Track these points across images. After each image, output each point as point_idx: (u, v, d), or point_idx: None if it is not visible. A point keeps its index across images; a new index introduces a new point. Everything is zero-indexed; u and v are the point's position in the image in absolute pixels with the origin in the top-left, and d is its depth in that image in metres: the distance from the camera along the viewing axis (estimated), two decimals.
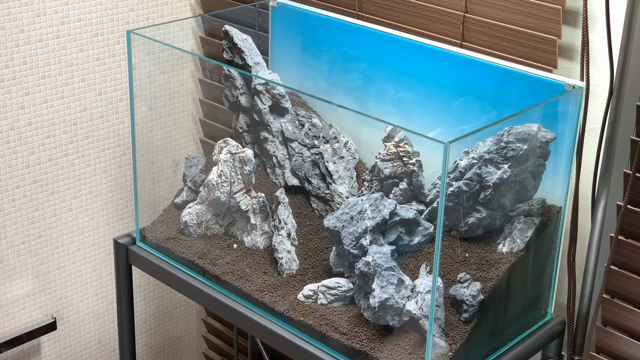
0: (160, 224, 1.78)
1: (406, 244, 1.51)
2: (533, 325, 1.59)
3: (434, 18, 1.71)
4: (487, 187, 1.46)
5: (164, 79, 2.11)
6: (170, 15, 2.18)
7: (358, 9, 1.85)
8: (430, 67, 1.67)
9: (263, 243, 1.67)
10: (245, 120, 1.79)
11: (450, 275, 1.45)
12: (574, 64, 1.57)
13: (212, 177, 1.68)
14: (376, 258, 1.45)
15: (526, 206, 1.51)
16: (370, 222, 1.49)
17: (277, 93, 1.74)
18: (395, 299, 1.42)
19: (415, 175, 1.56)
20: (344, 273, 1.54)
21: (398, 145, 1.57)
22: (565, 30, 1.56)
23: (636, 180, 1.44)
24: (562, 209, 1.55)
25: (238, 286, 1.60)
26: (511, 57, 1.60)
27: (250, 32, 1.83)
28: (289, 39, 1.90)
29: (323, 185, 1.67)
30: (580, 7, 1.51)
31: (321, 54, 1.85)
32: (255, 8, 1.96)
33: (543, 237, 1.53)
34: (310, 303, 1.53)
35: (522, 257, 1.49)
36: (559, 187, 1.54)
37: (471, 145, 1.49)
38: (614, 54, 1.47)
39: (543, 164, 1.51)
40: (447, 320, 1.42)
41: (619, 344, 1.52)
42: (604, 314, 1.54)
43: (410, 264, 1.50)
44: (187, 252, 1.70)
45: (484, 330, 1.46)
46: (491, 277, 1.45)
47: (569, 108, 1.50)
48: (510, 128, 1.46)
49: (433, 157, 1.55)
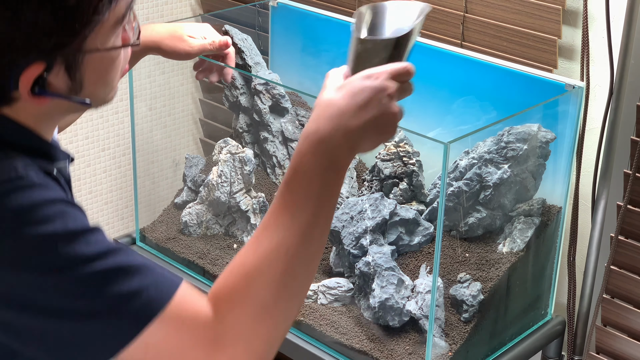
0: (160, 224, 1.78)
1: (406, 244, 1.51)
2: (533, 325, 1.59)
3: (434, 18, 1.71)
4: (487, 187, 1.46)
5: (164, 79, 2.11)
6: (170, 15, 2.18)
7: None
8: (430, 67, 1.67)
9: None
10: (245, 120, 1.79)
11: (450, 275, 1.45)
12: (574, 64, 1.57)
13: (212, 177, 1.68)
14: (376, 258, 1.45)
15: (526, 206, 1.51)
16: (370, 222, 1.49)
17: (277, 93, 1.73)
18: (395, 299, 1.42)
19: (415, 175, 1.56)
20: (344, 273, 1.54)
21: (398, 145, 1.57)
22: (565, 30, 1.56)
23: (636, 180, 1.44)
24: (562, 209, 1.55)
25: None
26: (511, 57, 1.60)
27: (250, 32, 1.83)
28: (289, 39, 1.90)
29: None
30: (580, 7, 1.51)
31: (321, 54, 1.85)
32: (255, 8, 1.96)
33: (543, 237, 1.53)
34: (310, 303, 1.53)
35: (522, 257, 1.49)
36: (559, 187, 1.54)
37: (471, 145, 1.49)
38: (614, 54, 1.47)
39: (543, 164, 1.51)
40: (447, 320, 1.42)
41: (619, 344, 1.52)
42: (604, 314, 1.54)
43: (410, 264, 1.50)
44: (187, 252, 1.70)
45: (484, 330, 1.46)
46: (491, 277, 1.45)
47: (569, 108, 1.50)
48: (510, 128, 1.46)
49: (433, 157, 1.55)
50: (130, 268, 0.89)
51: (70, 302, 0.87)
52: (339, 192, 0.96)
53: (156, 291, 0.89)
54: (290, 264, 0.91)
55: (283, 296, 0.91)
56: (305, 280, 0.93)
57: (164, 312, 0.88)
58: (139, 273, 0.89)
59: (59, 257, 0.87)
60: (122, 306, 0.87)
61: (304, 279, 0.93)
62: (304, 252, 0.92)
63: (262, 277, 0.90)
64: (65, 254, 0.87)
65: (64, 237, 0.87)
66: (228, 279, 0.91)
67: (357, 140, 0.95)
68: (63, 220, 0.88)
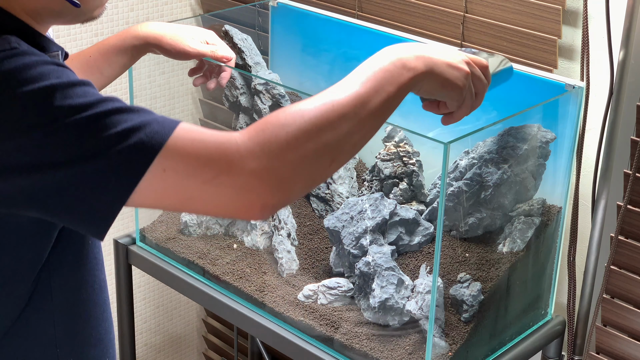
0: (160, 224, 1.78)
1: (406, 244, 1.51)
2: (533, 325, 1.59)
3: (434, 18, 1.71)
4: (487, 187, 1.46)
5: (164, 79, 2.11)
6: (170, 15, 2.18)
7: (358, 9, 1.85)
8: None
9: (263, 243, 1.67)
10: (245, 120, 1.79)
11: (450, 275, 1.45)
12: (574, 64, 1.57)
13: None
14: (376, 258, 1.45)
15: (526, 206, 1.51)
16: (370, 222, 1.49)
17: (277, 93, 1.73)
18: (395, 299, 1.42)
19: (415, 175, 1.56)
20: (344, 273, 1.54)
21: (398, 145, 1.57)
22: (565, 30, 1.56)
23: (636, 180, 1.44)
24: (562, 209, 1.55)
25: (238, 286, 1.60)
26: (511, 57, 1.60)
27: (250, 32, 1.83)
28: (289, 39, 1.90)
29: (323, 185, 1.67)
30: (580, 7, 1.51)
31: (321, 54, 1.85)
32: (255, 8, 1.96)
33: (543, 237, 1.53)
34: (310, 303, 1.53)
35: (522, 257, 1.49)
36: (559, 187, 1.54)
37: (471, 145, 1.49)
38: (614, 54, 1.47)
39: (543, 164, 1.51)
40: (447, 320, 1.42)
41: (619, 344, 1.52)
42: (604, 314, 1.54)
43: (410, 264, 1.50)
44: (187, 252, 1.70)
45: (484, 330, 1.46)
46: (491, 277, 1.45)
47: (569, 108, 1.50)
48: (510, 128, 1.46)
49: (433, 157, 1.55)
50: (131, 109, 0.92)
51: (78, 148, 0.88)
52: (396, 94, 1.01)
53: (159, 125, 0.91)
54: (333, 116, 0.93)
55: (317, 139, 0.92)
56: (342, 143, 0.95)
57: (173, 136, 0.89)
58: (140, 112, 0.92)
59: (61, 107, 0.89)
60: (129, 139, 0.89)
61: (342, 139, 0.95)
62: (352, 116, 0.95)
63: (303, 113, 0.93)
64: (66, 104, 0.89)
65: (60, 88, 0.90)
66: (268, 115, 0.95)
67: (431, 67, 1.04)
68: (57, 75, 0.91)
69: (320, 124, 0.93)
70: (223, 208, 0.93)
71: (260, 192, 0.90)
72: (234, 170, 0.89)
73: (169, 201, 0.92)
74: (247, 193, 0.90)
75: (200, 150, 0.90)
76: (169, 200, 0.92)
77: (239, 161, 0.89)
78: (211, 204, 0.92)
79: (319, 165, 0.94)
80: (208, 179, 0.89)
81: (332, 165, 0.96)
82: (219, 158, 0.90)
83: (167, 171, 0.89)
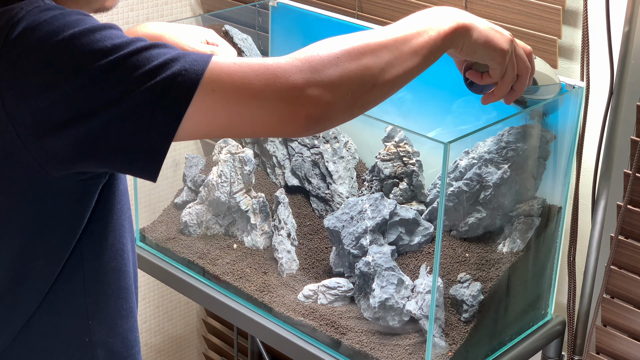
0: (160, 224, 1.78)
1: (406, 244, 1.51)
2: (533, 325, 1.59)
3: None
4: (487, 187, 1.46)
5: None
6: (170, 15, 2.17)
7: (358, 9, 1.85)
8: (430, 67, 1.67)
9: (263, 243, 1.67)
10: None
11: (450, 275, 1.45)
12: (574, 64, 1.57)
13: (212, 177, 1.68)
14: (376, 258, 1.45)
15: (526, 206, 1.51)
16: (370, 222, 1.49)
17: None
18: (395, 299, 1.42)
19: (415, 175, 1.56)
20: (344, 273, 1.54)
21: (398, 145, 1.57)
22: (565, 30, 1.56)
23: (636, 180, 1.44)
24: (562, 209, 1.55)
25: (238, 286, 1.60)
26: None
27: (250, 32, 1.83)
28: (289, 39, 1.90)
29: (323, 185, 1.67)
30: (580, 7, 1.51)
31: None
32: (255, 8, 1.96)
33: (543, 237, 1.53)
34: (310, 303, 1.53)
35: (522, 257, 1.49)
36: (559, 187, 1.54)
37: (471, 145, 1.49)
38: (614, 54, 1.47)
39: (543, 164, 1.51)
40: (447, 320, 1.42)
41: (619, 344, 1.52)
42: (604, 314, 1.54)
43: (410, 264, 1.50)
44: (187, 252, 1.70)
45: (484, 330, 1.46)
46: (491, 277, 1.45)
47: (569, 108, 1.50)
48: (510, 128, 1.46)
49: (433, 157, 1.55)
50: (166, 45, 0.95)
51: (124, 85, 0.91)
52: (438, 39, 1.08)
53: (197, 55, 0.94)
54: (375, 44, 1.00)
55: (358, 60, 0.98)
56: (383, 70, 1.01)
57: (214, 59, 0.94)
58: (174, 48, 0.95)
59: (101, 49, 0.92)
60: (172, 68, 0.92)
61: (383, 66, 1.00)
62: (393, 48, 1.02)
63: (345, 38, 1.00)
64: (102, 45, 0.92)
65: (92, 31, 0.93)
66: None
67: (475, 23, 1.11)
68: (87, 21, 0.94)
69: (362, 48, 0.99)
70: (270, 123, 0.97)
71: (305, 103, 0.95)
72: (279, 81, 0.94)
73: (218, 123, 0.96)
74: (292, 104, 0.95)
75: (244, 67, 0.95)
76: (218, 122, 0.95)
77: (283, 73, 0.94)
78: (259, 119, 0.96)
79: (360, 86, 0.99)
80: (255, 93, 0.94)
81: (373, 91, 1.00)
82: (264, 71, 0.94)
83: (216, 91, 0.93)
